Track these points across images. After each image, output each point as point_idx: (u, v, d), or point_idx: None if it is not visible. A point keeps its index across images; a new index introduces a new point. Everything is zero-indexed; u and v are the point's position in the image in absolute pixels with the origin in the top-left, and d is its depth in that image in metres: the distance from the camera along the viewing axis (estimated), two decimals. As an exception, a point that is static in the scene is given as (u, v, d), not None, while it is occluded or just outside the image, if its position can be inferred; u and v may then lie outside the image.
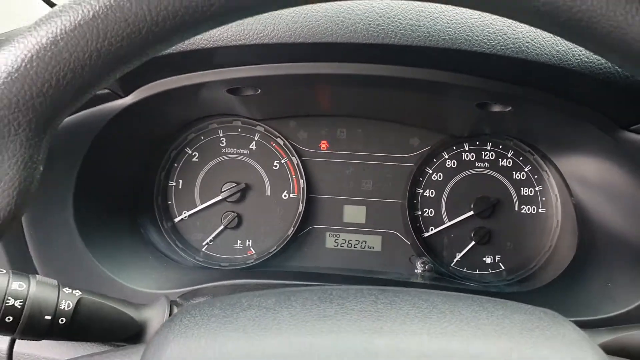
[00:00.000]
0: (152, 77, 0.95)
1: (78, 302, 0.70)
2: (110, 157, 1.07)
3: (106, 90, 0.95)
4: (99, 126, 0.98)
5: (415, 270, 1.19)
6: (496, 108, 1.01)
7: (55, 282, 0.70)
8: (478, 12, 0.81)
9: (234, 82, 0.96)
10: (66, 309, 0.68)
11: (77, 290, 0.71)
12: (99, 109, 0.97)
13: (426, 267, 1.13)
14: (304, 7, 0.82)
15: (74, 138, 0.97)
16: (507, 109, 1.00)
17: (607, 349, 0.61)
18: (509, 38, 0.81)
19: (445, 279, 1.19)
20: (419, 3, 0.79)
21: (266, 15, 0.82)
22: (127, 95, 0.97)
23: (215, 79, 0.94)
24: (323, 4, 0.84)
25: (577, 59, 0.81)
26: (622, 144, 0.92)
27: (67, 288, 0.70)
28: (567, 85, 0.88)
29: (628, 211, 1.02)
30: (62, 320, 0.68)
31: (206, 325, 0.52)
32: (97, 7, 0.44)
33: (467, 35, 0.81)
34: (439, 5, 0.79)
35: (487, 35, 0.81)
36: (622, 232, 1.04)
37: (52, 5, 1.43)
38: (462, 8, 0.72)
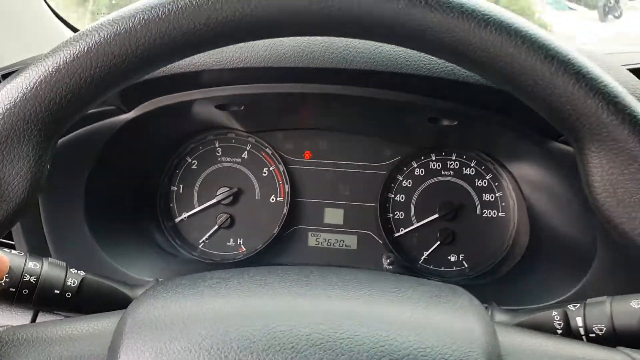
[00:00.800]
0: (150, 96, 1.11)
1: (82, 280, 0.83)
2: (117, 164, 1.23)
3: (112, 107, 1.12)
4: (107, 137, 1.13)
5: (385, 266, 1.32)
6: (445, 122, 1.15)
7: (64, 263, 0.83)
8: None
9: (219, 99, 1.12)
10: (72, 285, 0.81)
11: (82, 271, 0.87)
12: (107, 122, 1.12)
13: (388, 260, 1.26)
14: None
15: (85, 147, 1.13)
16: (454, 123, 1.14)
17: (522, 327, 0.73)
18: (442, 62, 0.96)
19: (410, 274, 1.32)
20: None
21: (242, 45, 0.99)
22: (129, 110, 1.13)
23: (202, 96, 1.10)
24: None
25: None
26: (553, 154, 1.04)
27: (73, 269, 0.85)
28: (496, 102, 1.01)
29: (568, 213, 1.14)
30: (68, 295, 0.81)
31: (173, 291, 0.65)
32: (91, 44, 0.57)
33: (406, 60, 0.95)
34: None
35: (422, 59, 0.95)
36: (562, 232, 1.16)
37: (75, 30, 1.62)
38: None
